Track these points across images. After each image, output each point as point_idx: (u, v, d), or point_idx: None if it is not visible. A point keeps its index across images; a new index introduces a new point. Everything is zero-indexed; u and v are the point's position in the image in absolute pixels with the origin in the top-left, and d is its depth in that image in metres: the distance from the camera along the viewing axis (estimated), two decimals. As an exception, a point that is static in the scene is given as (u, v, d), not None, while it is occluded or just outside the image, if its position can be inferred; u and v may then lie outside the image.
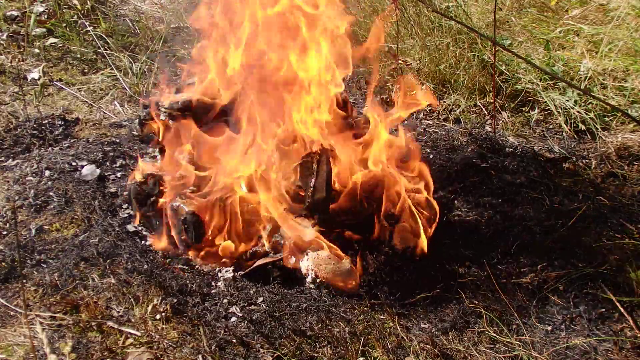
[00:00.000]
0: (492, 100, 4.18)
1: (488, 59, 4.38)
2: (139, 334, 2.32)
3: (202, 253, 2.85)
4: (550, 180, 3.46)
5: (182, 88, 3.09)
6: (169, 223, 2.88)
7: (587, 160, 3.73)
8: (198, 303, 2.51)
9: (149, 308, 2.42)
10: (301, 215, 2.79)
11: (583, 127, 4.01)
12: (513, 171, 3.48)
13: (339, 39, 2.81)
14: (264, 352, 2.29)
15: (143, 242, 2.88)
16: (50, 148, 3.57)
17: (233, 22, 2.79)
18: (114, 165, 3.39)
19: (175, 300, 2.47)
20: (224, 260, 2.80)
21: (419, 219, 2.84)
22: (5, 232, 2.82)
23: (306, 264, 2.64)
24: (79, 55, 4.81)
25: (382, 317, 2.52)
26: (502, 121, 4.15)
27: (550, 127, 4.13)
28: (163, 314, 2.40)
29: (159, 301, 2.45)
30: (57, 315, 2.38)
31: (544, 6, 5.13)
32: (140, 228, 2.96)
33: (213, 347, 2.27)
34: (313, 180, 2.74)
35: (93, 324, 2.35)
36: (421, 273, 2.78)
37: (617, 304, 2.58)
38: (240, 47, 2.77)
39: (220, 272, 2.75)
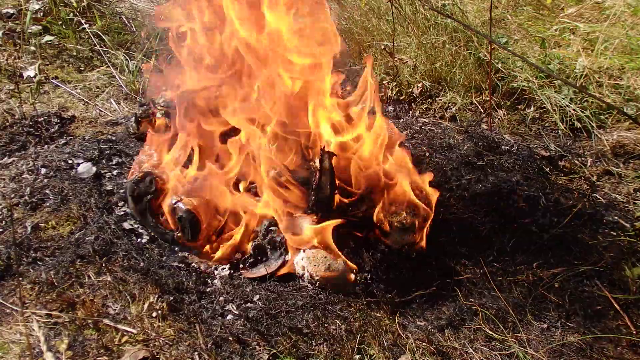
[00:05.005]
0: (488, 98, 4.19)
1: (484, 57, 4.38)
2: (135, 331, 2.32)
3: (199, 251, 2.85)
4: (546, 178, 3.47)
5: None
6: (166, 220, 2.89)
7: (582, 158, 3.74)
8: (194, 301, 2.51)
9: (145, 306, 2.42)
10: (304, 212, 2.80)
11: (579, 125, 4.02)
12: (509, 169, 3.48)
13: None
14: (260, 350, 2.29)
15: (139, 239, 2.88)
16: (46, 146, 3.56)
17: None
18: (110, 163, 3.38)
19: (172, 298, 2.47)
20: (220, 258, 2.81)
21: (415, 217, 2.84)
22: (1, 230, 2.82)
23: (301, 264, 2.65)
24: (75, 53, 4.80)
25: (378, 314, 2.52)
26: (498, 119, 4.16)
27: (546, 125, 4.13)
28: (159, 311, 2.40)
29: (155, 299, 2.45)
30: (53, 313, 2.38)
31: (539, 4, 5.14)
32: (136, 226, 2.95)
33: (209, 345, 2.27)
34: (316, 178, 2.75)
35: (89, 321, 2.35)
36: (417, 271, 2.79)
37: (613, 302, 2.59)
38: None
39: (217, 270, 2.75)
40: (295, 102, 2.85)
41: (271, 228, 2.82)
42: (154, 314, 2.39)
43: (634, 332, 2.46)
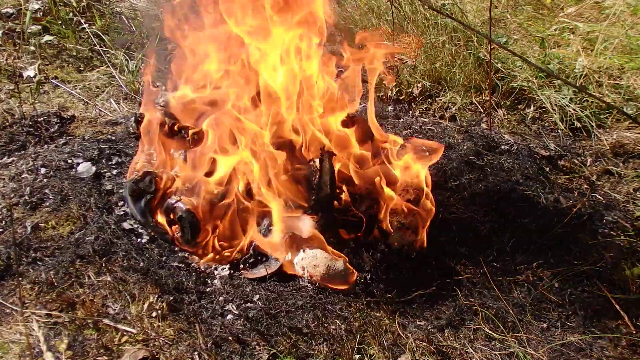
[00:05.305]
0: (487, 98, 4.19)
1: (484, 57, 4.38)
2: (135, 331, 2.32)
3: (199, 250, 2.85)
4: (546, 177, 3.48)
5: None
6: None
7: (582, 158, 3.74)
8: (194, 301, 2.51)
9: (145, 306, 2.42)
10: (305, 212, 2.80)
11: (579, 125, 4.02)
12: (509, 169, 3.48)
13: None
14: (260, 350, 2.29)
15: (139, 239, 2.88)
16: (45, 145, 3.56)
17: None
18: (110, 163, 3.38)
19: (172, 298, 2.47)
20: (219, 257, 2.81)
21: (415, 216, 2.84)
22: (1, 230, 2.82)
23: (301, 264, 2.65)
24: (74, 53, 4.80)
25: (378, 314, 2.52)
26: (498, 119, 4.16)
27: (546, 124, 4.13)
28: (159, 311, 2.40)
29: (155, 299, 2.45)
30: (53, 312, 2.38)
31: (539, 4, 5.14)
32: (136, 226, 2.95)
33: (209, 345, 2.27)
34: (316, 178, 2.75)
35: (89, 321, 2.35)
36: (417, 270, 2.78)
37: (613, 302, 2.59)
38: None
39: (217, 269, 2.75)
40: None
41: (271, 228, 2.82)
42: (154, 314, 2.39)
43: (634, 332, 2.47)
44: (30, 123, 3.78)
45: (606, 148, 3.82)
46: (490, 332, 2.45)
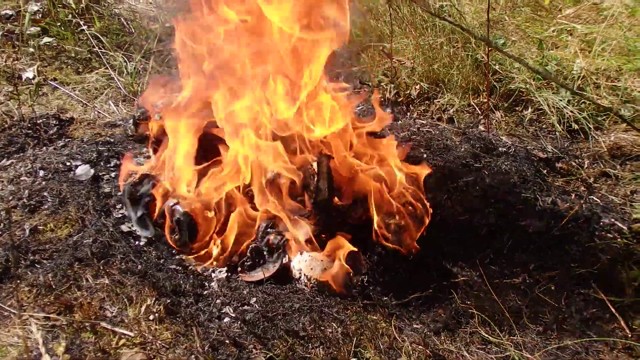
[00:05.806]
0: (485, 100, 4.19)
1: (481, 59, 4.39)
2: (132, 334, 2.32)
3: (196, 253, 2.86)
4: (543, 180, 3.48)
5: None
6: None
7: (579, 160, 3.75)
8: (191, 304, 2.51)
9: (143, 308, 2.42)
10: (303, 216, 2.81)
11: (576, 127, 4.03)
12: (506, 171, 3.49)
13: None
14: (256, 353, 2.30)
15: (137, 242, 2.88)
16: (44, 148, 3.56)
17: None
18: (108, 165, 3.38)
19: (169, 301, 2.47)
20: (217, 260, 2.81)
21: (412, 219, 2.85)
22: (-1, 233, 2.83)
23: (298, 267, 2.65)
24: (73, 55, 4.81)
25: (374, 317, 2.53)
26: (496, 121, 4.16)
27: (544, 126, 4.14)
28: (156, 314, 2.40)
29: (153, 302, 2.45)
30: (51, 315, 2.38)
31: (537, 5, 5.14)
32: (134, 228, 2.96)
33: (206, 348, 2.27)
34: (315, 182, 2.76)
35: (87, 324, 2.35)
36: (414, 273, 2.79)
37: (609, 305, 2.60)
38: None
39: (214, 272, 2.75)
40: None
41: (268, 230, 2.82)
42: (151, 317, 2.40)
43: (630, 335, 2.47)
44: (29, 125, 3.79)
45: (603, 150, 3.82)
46: (486, 335, 2.46)
